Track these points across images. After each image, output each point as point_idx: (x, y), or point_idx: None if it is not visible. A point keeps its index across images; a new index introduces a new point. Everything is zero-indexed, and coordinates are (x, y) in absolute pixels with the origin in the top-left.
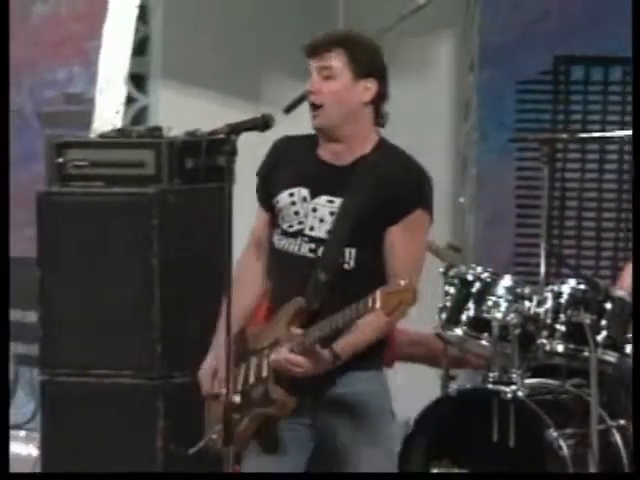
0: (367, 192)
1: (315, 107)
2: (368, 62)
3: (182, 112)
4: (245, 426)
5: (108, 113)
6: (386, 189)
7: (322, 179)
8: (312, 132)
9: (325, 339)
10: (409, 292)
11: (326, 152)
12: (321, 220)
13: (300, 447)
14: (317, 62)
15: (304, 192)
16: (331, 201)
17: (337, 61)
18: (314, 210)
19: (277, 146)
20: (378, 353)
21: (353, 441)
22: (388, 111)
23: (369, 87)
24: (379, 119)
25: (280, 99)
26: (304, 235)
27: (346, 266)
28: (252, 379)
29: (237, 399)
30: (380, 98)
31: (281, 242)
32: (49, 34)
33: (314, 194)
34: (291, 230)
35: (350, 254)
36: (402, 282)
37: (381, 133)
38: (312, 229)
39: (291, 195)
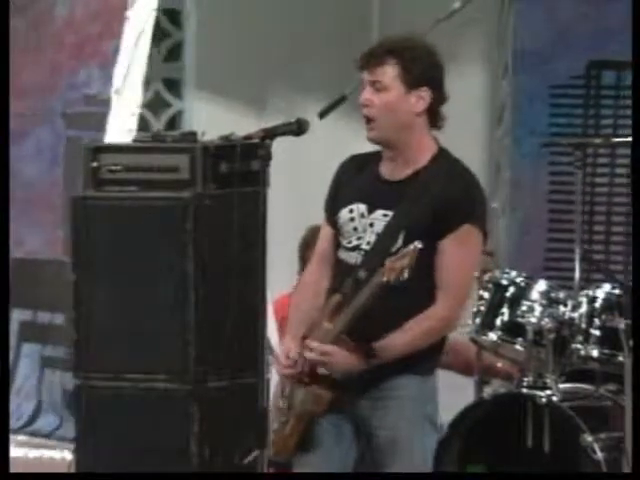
0: (417, 206)
1: (368, 120)
2: (422, 72)
3: (216, 116)
4: (291, 428)
5: (124, 114)
6: (435, 204)
7: (379, 194)
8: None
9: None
10: (409, 256)
11: (385, 168)
12: (377, 234)
13: (346, 443)
14: (369, 76)
15: (362, 208)
16: (386, 215)
17: (389, 74)
18: (371, 225)
19: (342, 166)
20: (428, 358)
21: (388, 443)
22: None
23: (422, 97)
24: (437, 122)
25: (314, 103)
26: (361, 249)
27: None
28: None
29: (281, 403)
30: (435, 104)
31: (342, 255)
32: (69, 36)
33: (371, 209)
34: (350, 246)
35: None
36: (406, 249)
37: (440, 142)
38: (369, 244)
39: (350, 211)
